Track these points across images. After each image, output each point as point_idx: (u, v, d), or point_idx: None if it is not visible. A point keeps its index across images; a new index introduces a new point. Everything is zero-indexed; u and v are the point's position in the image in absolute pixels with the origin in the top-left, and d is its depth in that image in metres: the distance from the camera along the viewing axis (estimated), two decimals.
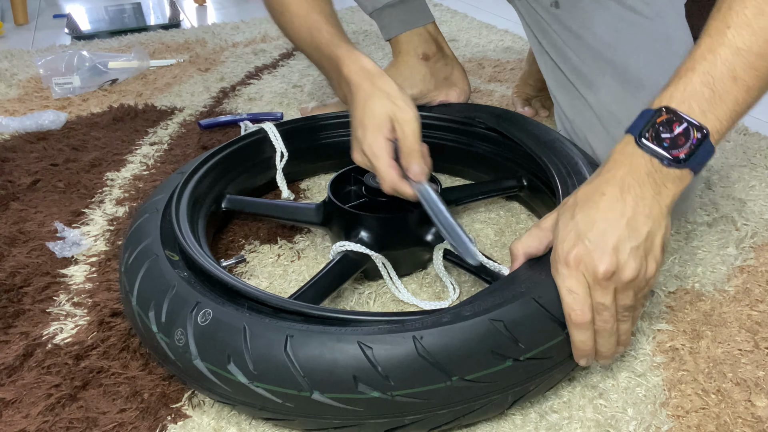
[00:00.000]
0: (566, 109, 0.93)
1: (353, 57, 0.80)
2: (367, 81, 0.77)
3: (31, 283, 0.81)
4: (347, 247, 0.73)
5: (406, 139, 0.73)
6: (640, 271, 0.54)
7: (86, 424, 0.62)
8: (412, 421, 0.55)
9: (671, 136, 0.54)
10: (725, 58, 0.54)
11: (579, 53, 0.89)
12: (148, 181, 1.05)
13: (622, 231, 0.54)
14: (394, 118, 0.73)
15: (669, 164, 0.55)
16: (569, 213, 0.57)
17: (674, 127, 0.55)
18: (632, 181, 0.55)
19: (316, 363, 0.53)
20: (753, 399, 0.64)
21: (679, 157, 0.54)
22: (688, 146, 0.54)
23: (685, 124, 0.54)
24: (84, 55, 1.44)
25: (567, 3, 0.91)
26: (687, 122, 0.54)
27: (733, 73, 0.54)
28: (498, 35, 1.75)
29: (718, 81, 0.54)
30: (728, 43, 0.54)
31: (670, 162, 0.54)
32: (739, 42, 0.54)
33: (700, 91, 0.54)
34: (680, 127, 0.54)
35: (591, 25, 0.89)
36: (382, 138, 0.73)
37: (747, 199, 0.96)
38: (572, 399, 0.64)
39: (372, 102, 0.75)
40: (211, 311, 0.58)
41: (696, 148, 0.54)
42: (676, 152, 0.54)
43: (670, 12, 0.87)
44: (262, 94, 1.40)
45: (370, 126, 0.74)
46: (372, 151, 0.74)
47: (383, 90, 0.75)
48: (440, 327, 0.55)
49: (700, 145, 0.54)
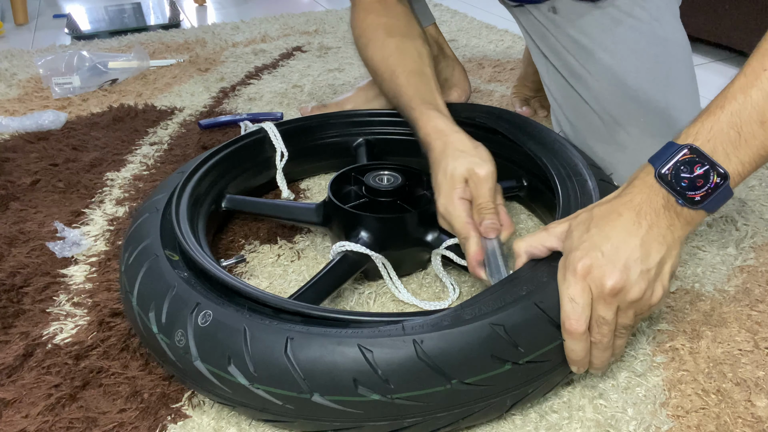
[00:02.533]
0: (567, 111, 0.93)
1: (426, 117, 0.79)
2: (439, 141, 0.76)
3: (31, 283, 0.81)
4: (347, 247, 0.73)
5: (480, 197, 0.72)
6: (645, 293, 0.55)
7: (86, 424, 0.62)
8: (411, 424, 0.55)
9: (691, 176, 0.54)
10: (756, 101, 0.53)
11: (578, 58, 0.89)
12: (148, 181, 1.05)
13: (635, 251, 0.54)
14: (470, 176, 0.72)
15: (684, 204, 0.55)
16: (584, 226, 0.58)
17: (695, 169, 0.54)
18: (649, 209, 0.56)
19: (317, 365, 0.53)
20: (753, 399, 0.64)
21: (694, 199, 0.54)
22: (706, 189, 0.54)
23: (707, 166, 0.54)
24: (84, 55, 1.44)
25: (565, 9, 0.91)
26: (709, 164, 0.54)
27: (763, 117, 0.53)
28: (498, 35, 1.75)
29: (746, 124, 0.53)
30: (761, 86, 0.53)
31: (684, 203, 0.54)
32: None
33: (726, 132, 0.53)
34: (701, 168, 0.54)
35: (589, 31, 0.89)
36: (458, 197, 0.72)
37: (747, 199, 0.96)
38: (572, 399, 0.64)
39: (445, 162, 0.74)
40: (211, 313, 0.58)
41: (713, 191, 0.54)
42: (692, 194, 0.54)
43: (667, 15, 0.88)
44: (262, 94, 1.40)
45: (444, 187, 0.73)
46: (449, 210, 0.73)
47: (456, 148, 0.74)
48: (440, 331, 0.55)
49: (717, 188, 0.54)
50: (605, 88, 0.87)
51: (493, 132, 0.92)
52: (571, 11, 0.90)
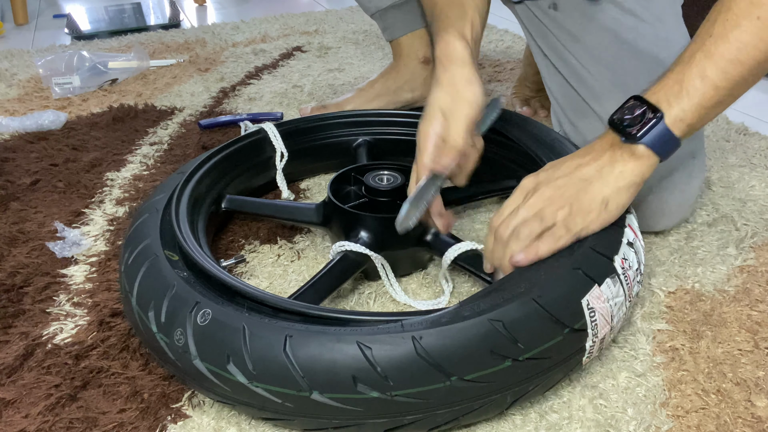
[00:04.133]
0: (567, 110, 0.93)
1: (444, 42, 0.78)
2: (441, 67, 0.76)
3: (31, 283, 0.81)
4: (347, 247, 0.73)
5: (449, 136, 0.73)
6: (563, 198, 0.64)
7: (86, 424, 0.62)
8: (411, 421, 0.55)
9: (631, 116, 0.64)
10: (698, 61, 0.62)
11: (578, 57, 0.89)
12: (148, 181, 1.05)
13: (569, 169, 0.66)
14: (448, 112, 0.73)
15: (624, 140, 0.64)
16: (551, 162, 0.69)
17: (635, 110, 0.64)
18: (598, 148, 0.66)
19: (316, 363, 0.53)
20: (753, 399, 0.64)
21: (632, 133, 0.63)
22: (641, 123, 0.63)
23: (645, 107, 0.64)
24: (84, 55, 1.44)
25: (566, 5, 0.91)
26: (647, 105, 0.63)
27: (703, 73, 0.61)
28: (498, 35, 1.75)
29: (688, 79, 0.62)
30: (704, 49, 0.61)
31: (626, 139, 0.64)
32: (714, 49, 0.61)
33: (671, 86, 0.63)
34: (640, 109, 0.64)
35: (590, 29, 0.89)
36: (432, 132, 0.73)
37: (747, 199, 0.96)
38: (572, 399, 0.64)
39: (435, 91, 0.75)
40: (210, 311, 0.58)
41: (650, 128, 0.62)
42: (630, 129, 0.63)
43: (668, 15, 0.87)
44: (262, 94, 1.40)
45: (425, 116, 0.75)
46: (419, 141, 0.74)
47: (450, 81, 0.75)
48: (439, 327, 0.55)
49: (652, 124, 0.62)
50: (606, 87, 0.86)
51: (494, 132, 0.92)
52: (572, 9, 0.90)
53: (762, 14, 0.59)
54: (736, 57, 0.60)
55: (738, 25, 0.60)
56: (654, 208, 0.82)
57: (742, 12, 0.60)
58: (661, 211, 0.83)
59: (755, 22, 0.59)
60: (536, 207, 0.64)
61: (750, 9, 0.59)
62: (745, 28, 0.60)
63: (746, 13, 0.60)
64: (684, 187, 0.82)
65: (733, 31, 0.60)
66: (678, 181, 0.81)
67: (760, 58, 0.60)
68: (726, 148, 1.10)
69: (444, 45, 0.77)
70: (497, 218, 0.67)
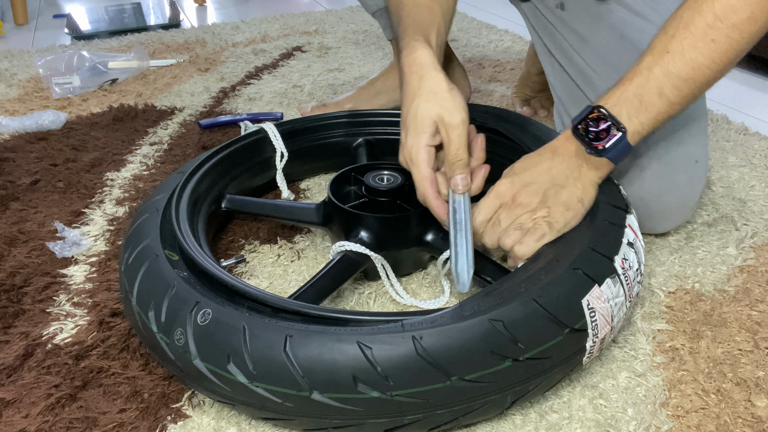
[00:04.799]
0: (571, 109, 0.93)
1: (410, 48, 0.74)
2: (416, 76, 0.71)
3: (31, 283, 0.81)
4: (347, 247, 0.73)
5: (451, 144, 0.69)
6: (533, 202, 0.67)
7: (86, 424, 0.62)
8: (411, 421, 0.55)
9: (597, 130, 0.67)
10: (657, 77, 0.65)
11: (585, 57, 0.89)
12: (148, 181, 1.05)
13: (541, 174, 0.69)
14: (440, 122, 0.69)
15: (590, 152, 0.67)
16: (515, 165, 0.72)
17: (600, 124, 0.67)
18: (563, 152, 0.69)
19: (316, 363, 0.53)
20: (753, 399, 0.64)
21: (598, 148, 0.67)
22: (607, 140, 0.67)
23: (610, 122, 0.67)
24: (84, 55, 1.44)
25: (573, 5, 0.91)
26: (612, 121, 0.66)
27: (661, 90, 0.65)
28: (498, 35, 1.75)
29: (647, 94, 0.66)
30: (663, 65, 0.65)
31: (590, 151, 0.67)
32: (672, 67, 0.65)
33: (631, 100, 0.66)
34: (605, 124, 0.67)
35: (597, 29, 0.89)
36: (423, 144, 0.69)
37: (747, 199, 0.96)
38: (572, 399, 0.64)
39: (417, 102, 0.70)
40: (210, 311, 0.58)
41: (614, 144, 0.66)
42: (597, 144, 0.67)
43: None
44: (262, 94, 1.40)
45: (412, 129, 0.70)
46: (411, 157, 0.70)
47: (430, 89, 0.70)
48: (440, 327, 0.55)
49: (617, 140, 0.66)
50: (610, 86, 0.86)
51: (494, 132, 0.92)
52: (578, 8, 0.90)
53: (716, 37, 0.63)
54: (691, 77, 0.65)
55: (694, 46, 0.64)
56: (655, 210, 0.82)
57: (699, 33, 0.64)
58: (662, 213, 0.83)
59: (710, 44, 0.63)
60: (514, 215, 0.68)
61: (706, 32, 0.63)
62: (701, 50, 0.64)
63: (702, 35, 0.63)
64: (686, 190, 0.82)
65: (690, 52, 0.64)
66: (680, 184, 0.81)
67: (710, 77, 0.65)
68: (726, 148, 1.10)
69: (411, 51, 0.73)
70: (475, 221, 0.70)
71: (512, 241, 0.68)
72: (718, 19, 0.63)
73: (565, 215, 0.67)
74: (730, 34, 0.63)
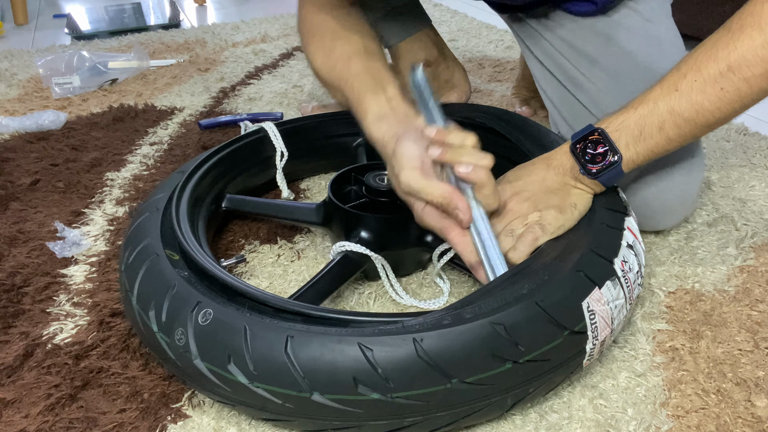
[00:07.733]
0: (563, 113, 0.93)
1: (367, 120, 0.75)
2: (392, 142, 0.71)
3: (31, 283, 0.81)
4: (347, 248, 0.73)
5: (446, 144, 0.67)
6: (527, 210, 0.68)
7: (86, 424, 0.62)
8: (411, 423, 0.55)
9: (593, 152, 0.68)
10: (661, 112, 0.66)
11: (572, 60, 0.90)
12: (148, 181, 1.05)
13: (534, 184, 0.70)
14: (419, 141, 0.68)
15: (583, 173, 0.69)
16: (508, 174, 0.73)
17: (598, 147, 0.68)
18: (557, 165, 0.70)
19: (317, 364, 0.53)
20: (753, 399, 0.64)
21: (591, 171, 0.68)
22: (602, 165, 0.68)
23: (608, 147, 0.68)
24: (84, 55, 1.44)
25: (556, 14, 0.91)
26: (610, 146, 0.68)
27: (662, 125, 0.66)
28: (498, 35, 1.75)
29: (648, 126, 0.67)
30: (668, 102, 0.66)
31: (584, 172, 0.68)
32: (677, 105, 0.66)
33: (632, 129, 0.67)
34: (603, 148, 0.68)
35: (583, 33, 0.89)
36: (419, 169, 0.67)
37: (747, 199, 0.96)
38: (572, 399, 0.64)
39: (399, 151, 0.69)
40: (211, 311, 0.58)
41: (607, 168, 0.68)
42: (591, 166, 0.68)
43: (659, 15, 0.88)
44: (262, 94, 1.40)
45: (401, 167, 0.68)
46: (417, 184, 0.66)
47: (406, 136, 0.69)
48: (440, 329, 0.55)
49: (611, 166, 0.68)
50: (601, 89, 0.87)
51: (493, 132, 0.92)
52: (562, 15, 0.91)
53: (726, 86, 0.64)
54: (693, 118, 0.66)
55: (703, 90, 0.65)
56: (655, 207, 0.83)
57: (710, 79, 0.64)
58: (662, 210, 0.83)
59: (718, 91, 0.64)
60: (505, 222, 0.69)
61: (717, 79, 0.64)
62: (708, 95, 0.65)
63: (713, 81, 0.64)
64: (684, 185, 0.82)
65: (697, 94, 0.65)
66: (678, 179, 0.81)
67: (712, 123, 0.66)
68: (726, 148, 1.10)
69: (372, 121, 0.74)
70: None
71: (505, 248, 0.67)
72: (731, 70, 0.63)
73: (557, 218, 0.68)
74: (740, 86, 0.64)
